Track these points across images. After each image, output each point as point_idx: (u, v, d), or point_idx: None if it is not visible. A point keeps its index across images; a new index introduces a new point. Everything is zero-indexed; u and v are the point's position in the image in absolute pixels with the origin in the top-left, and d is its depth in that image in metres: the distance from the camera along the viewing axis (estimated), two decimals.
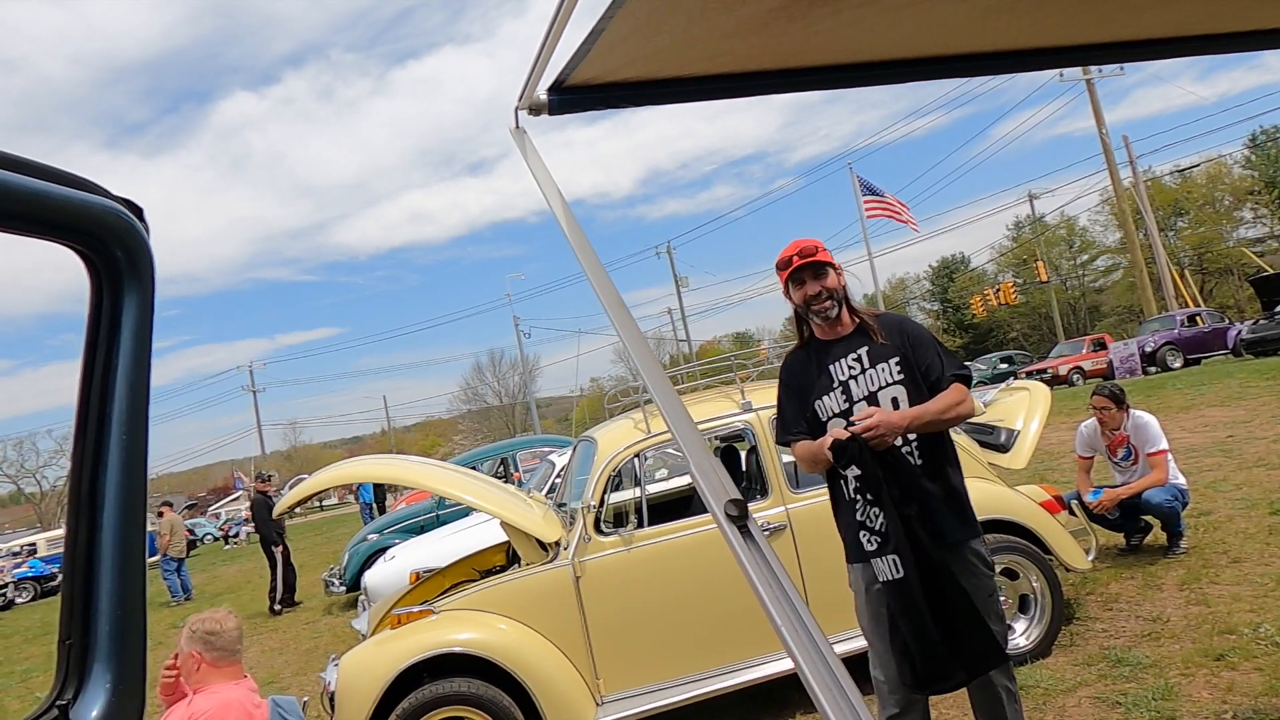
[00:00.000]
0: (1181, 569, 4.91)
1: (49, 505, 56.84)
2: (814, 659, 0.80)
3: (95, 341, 0.93)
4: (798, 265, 2.64)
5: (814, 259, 2.64)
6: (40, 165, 0.87)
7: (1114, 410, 5.50)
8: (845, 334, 2.70)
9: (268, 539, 11.21)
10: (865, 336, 2.67)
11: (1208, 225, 45.93)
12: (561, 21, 1.50)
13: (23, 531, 38.90)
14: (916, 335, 2.67)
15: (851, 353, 2.65)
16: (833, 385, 2.65)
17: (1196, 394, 12.68)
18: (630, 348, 1.25)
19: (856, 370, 2.64)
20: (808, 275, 2.65)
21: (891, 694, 2.63)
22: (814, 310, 2.67)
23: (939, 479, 2.59)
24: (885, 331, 2.66)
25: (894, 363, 2.60)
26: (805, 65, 1.91)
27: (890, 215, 26.17)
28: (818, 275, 2.64)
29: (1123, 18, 1.99)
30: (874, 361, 2.62)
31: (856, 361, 2.64)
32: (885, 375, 2.60)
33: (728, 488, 0.99)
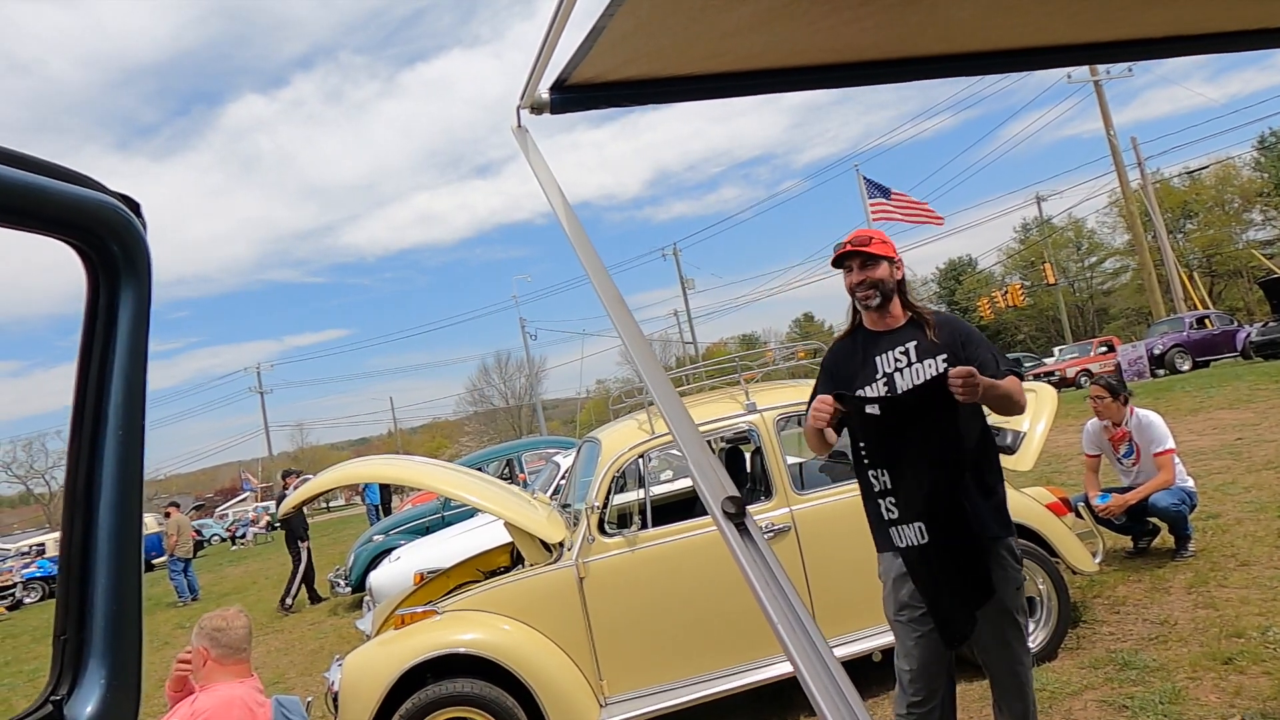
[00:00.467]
0: (1189, 572, 4.88)
1: (57, 506, 57.07)
2: (811, 658, 0.79)
3: (91, 337, 0.93)
4: (844, 251, 2.67)
5: (863, 249, 2.65)
6: (37, 160, 0.87)
7: (1109, 400, 5.47)
8: (895, 326, 2.70)
9: (295, 535, 11.31)
10: (917, 330, 2.67)
11: (1217, 227, 45.72)
12: (562, 20, 1.49)
13: (31, 532, 39.11)
14: (968, 334, 2.68)
15: (900, 345, 2.66)
16: (877, 375, 2.66)
17: (1205, 396, 12.62)
18: (630, 346, 1.24)
19: (903, 363, 2.64)
20: (854, 263, 2.66)
21: (913, 683, 2.64)
22: (857, 298, 2.69)
23: (977, 476, 2.60)
24: (937, 329, 2.66)
25: (941, 359, 2.59)
26: (808, 64, 1.91)
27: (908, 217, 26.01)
28: (865, 265, 2.65)
29: (1130, 15, 1.98)
30: (921, 356, 2.62)
31: (904, 354, 2.64)
32: (931, 370, 2.58)
33: (725, 485, 0.98)
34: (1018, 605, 2.64)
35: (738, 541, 0.91)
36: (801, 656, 0.80)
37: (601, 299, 1.45)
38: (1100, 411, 5.53)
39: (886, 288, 2.67)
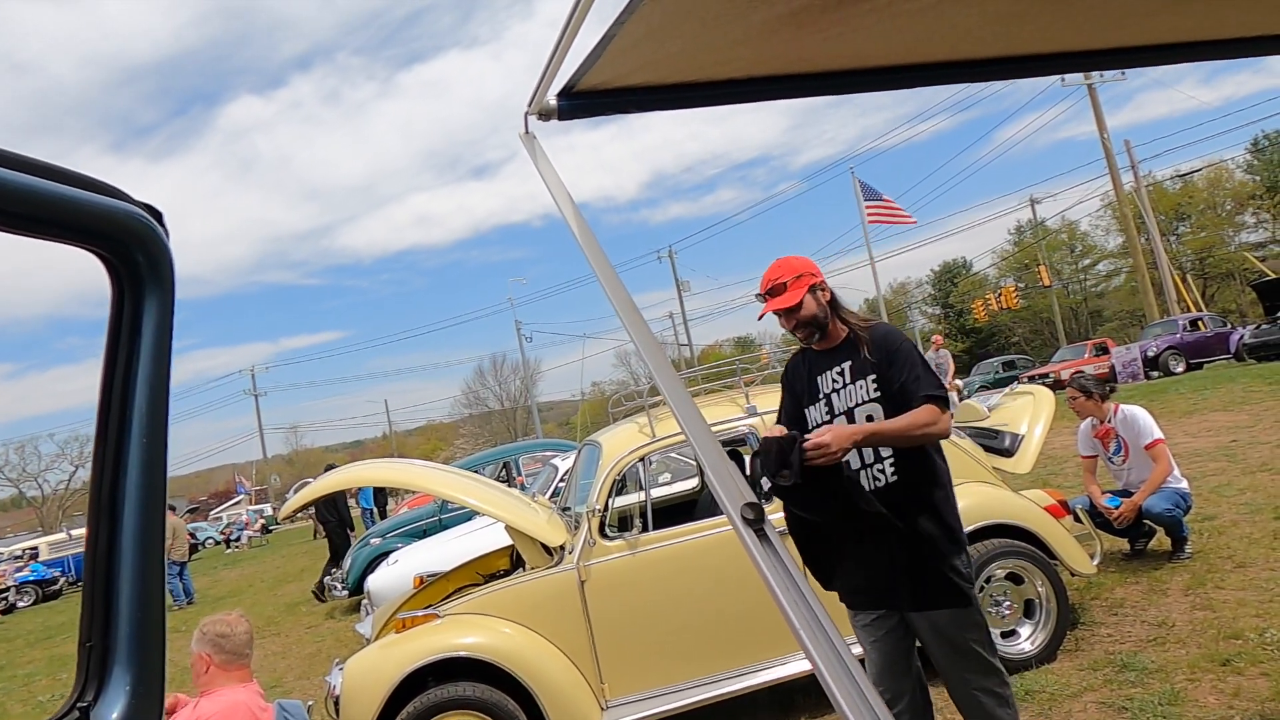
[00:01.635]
0: (1186, 574, 4.90)
1: (50, 509, 56.89)
2: (832, 661, 0.80)
3: (116, 344, 0.94)
4: (766, 310, 2.65)
5: (778, 305, 2.60)
6: (64, 170, 0.88)
7: (1083, 399, 5.53)
8: (834, 344, 2.68)
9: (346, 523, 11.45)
10: (853, 349, 2.62)
11: (1210, 230, 45.94)
12: (574, 27, 1.50)
13: (24, 535, 38.93)
14: (894, 350, 2.56)
15: (837, 365, 2.63)
16: (819, 396, 2.67)
17: (1199, 399, 12.67)
18: (644, 352, 1.25)
19: (839, 384, 2.63)
20: (781, 313, 2.63)
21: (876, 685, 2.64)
22: (798, 339, 2.69)
23: (915, 493, 2.54)
24: (872, 344, 2.60)
25: (871, 380, 2.56)
26: (814, 70, 1.92)
27: (884, 219, 26.21)
28: (790, 312, 2.60)
29: (1130, 23, 2.00)
30: (854, 377, 2.59)
31: (840, 375, 2.63)
32: (862, 392, 2.56)
33: (744, 491, 0.99)
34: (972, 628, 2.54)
35: (757, 547, 0.92)
36: (823, 659, 0.81)
37: (614, 304, 1.45)
38: (1080, 411, 5.60)
39: (820, 321, 2.63)
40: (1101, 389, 5.57)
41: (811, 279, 2.62)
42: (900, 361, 2.53)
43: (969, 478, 4.36)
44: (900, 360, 2.53)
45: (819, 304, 2.62)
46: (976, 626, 2.56)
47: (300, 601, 11.77)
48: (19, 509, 63.62)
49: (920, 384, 2.49)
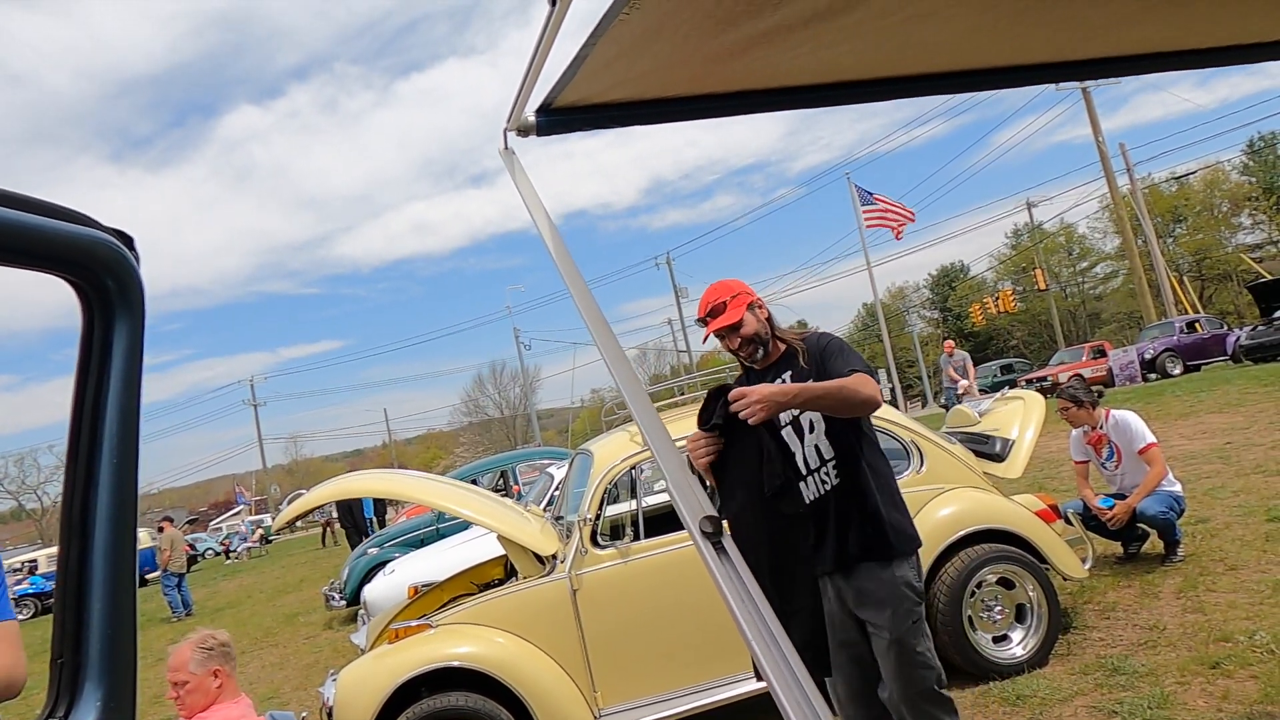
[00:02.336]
0: (1179, 577, 4.91)
1: (50, 521, 56.78)
2: (783, 673, 0.82)
3: (87, 367, 0.96)
4: (710, 330, 2.66)
5: (721, 324, 2.62)
6: (33, 200, 0.91)
7: (1074, 410, 5.53)
8: (774, 361, 2.71)
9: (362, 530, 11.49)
10: (792, 361, 2.66)
11: (1206, 232, 46.07)
12: (546, 46, 1.53)
13: (24, 547, 38.83)
14: (824, 348, 2.61)
15: (779, 378, 2.64)
16: None
17: (1196, 400, 12.69)
18: (610, 365, 1.27)
19: None
20: (724, 332, 2.66)
21: (848, 706, 2.64)
22: (741, 359, 2.72)
23: (855, 497, 2.54)
24: (809, 354, 2.63)
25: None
26: (789, 85, 1.95)
27: (889, 224, 26.22)
28: (732, 330, 2.64)
29: (1113, 33, 2.02)
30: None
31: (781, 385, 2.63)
32: None
33: (704, 505, 1.01)
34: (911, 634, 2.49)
35: (714, 559, 0.94)
36: (774, 672, 0.83)
37: (584, 317, 1.48)
38: (1072, 420, 5.61)
39: (762, 337, 2.67)
40: (1091, 396, 5.58)
41: (748, 297, 2.68)
42: (831, 354, 2.57)
43: (960, 483, 4.38)
44: (830, 353, 2.57)
45: (758, 320, 2.67)
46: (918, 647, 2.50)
47: (299, 612, 11.76)
48: (18, 521, 63.56)
49: (848, 362, 2.51)
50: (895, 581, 2.51)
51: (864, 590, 2.52)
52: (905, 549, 2.57)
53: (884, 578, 2.51)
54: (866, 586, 2.52)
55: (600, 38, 1.40)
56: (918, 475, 4.32)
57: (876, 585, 2.50)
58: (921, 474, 4.32)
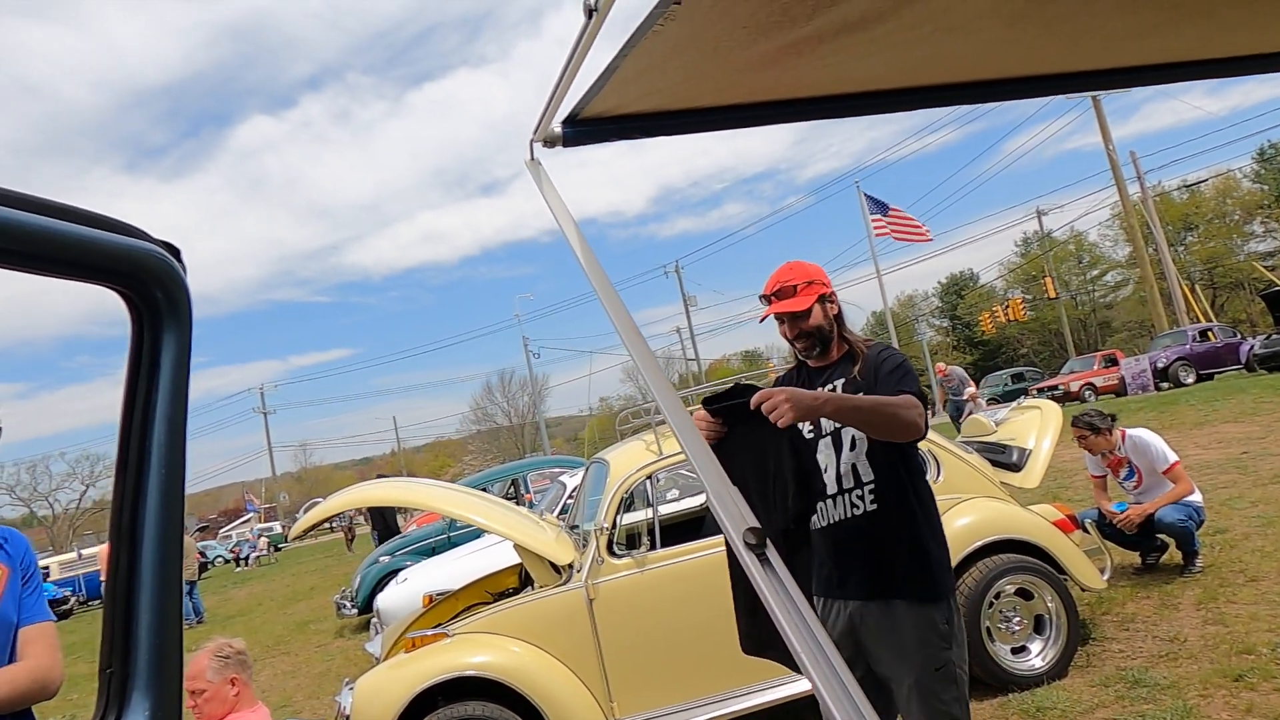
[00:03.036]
0: (1198, 588, 4.87)
1: (60, 528, 57.10)
2: (833, 684, 0.82)
3: (136, 378, 0.97)
4: (772, 311, 2.47)
5: (789, 308, 2.42)
6: (85, 212, 0.92)
7: (1092, 438, 5.46)
8: (831, 362, 2.49)
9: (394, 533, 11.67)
10: (848, 366, 2.44)
11: (1218, 240, 45.90)
12: (580, 56, 1.54)
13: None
14: (880, 363, 2.38)
15: (830, 383, 2.44)
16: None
17: (1210, 410, 12.61)
18: (647, 376, 1.27)
19: None
20: (785, 317, 2.46)
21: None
22: (797, 349, 2.52)
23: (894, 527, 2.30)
24: (866, 361, 2.42)
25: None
26: (815, 95, 1.95)
27: (899, 234, 26.17)
28: (795, 318, 2.44)
29: (1130, 44, 2.02)
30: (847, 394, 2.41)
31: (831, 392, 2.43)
32: None
33: (746, 515, 1.01)
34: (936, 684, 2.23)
35: (760, 571, 0.93)
36: (825, 685, 0.83)
37: (617, 328, 1.48)
38: (1090, 448, 5.55)
39: (825, 333, 2.45)
40: (1106, 422, 5.51)
41: (822, 288, 2.47)
42: (885, 369, 2.35)
43: (977, 492, 4.36)
44: (885, 368, 2.36)
45: (826, 315, 2.46)
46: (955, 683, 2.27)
47: (310, 620, 11.78)
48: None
49: (901, 383, 2.30)
50: (925, 624, 2.25)
51: (885, 629, 2.27)
52: (943, 589, 2.32)
53: (914, 619, 2.25)
54: (888, 625, 2.27)
55: (633, 49, 1.40)
56: (935, 484, 4.30)
57: (903, 626, 2.26)
58: (939, 483, 4.31)
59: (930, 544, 2.33)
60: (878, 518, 2.29)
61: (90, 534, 48.32)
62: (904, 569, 2.28)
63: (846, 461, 2.35)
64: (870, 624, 2.30)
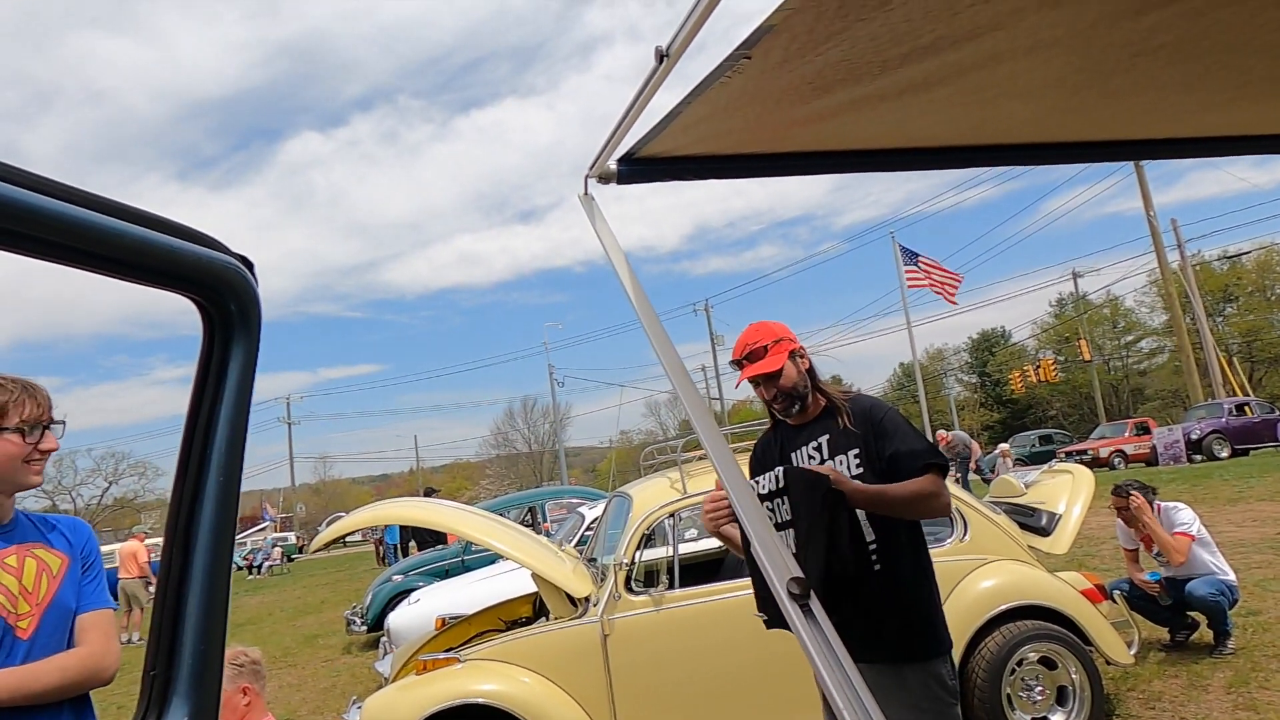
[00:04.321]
0: (1229, 670, 4.72)
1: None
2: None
3: (204, 384, 0.99)
4: (746, 375, 2.45)
5: (757, 371, 2.41)
6: (168, 221, 0.95)
7: (1132, 510, 5.38)
8: (810, 419, 2.47)
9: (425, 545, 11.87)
10: (831, 421, 2.42)
11: (1257, 313, 45.09)
12: (646, 99, 1.57)
13: None
14: (882, 421, 2.35)
15: (813, 440, 2.42)
16: None
17: (1245, 486, 12.30)
18: (692, 414, 1.28)
19: (816, 460, 2.41)
20: (760, 379, 2.44)
21: None
22: (774, 410, 2.50)
23: (897, 588, 2.27)
24: (854, 416, 2.38)
25: (854, 455, 2.33)
26: (866, 148, 1.97)
27: (934, 285, 26.01)
28: (770, 379, 2.42)
29: (1188, 118, 2.03)
30: (834, 451, 2.38)
31: (817, 450, 2.41)
32: (843, 469, 2.33)
33: (790, 566, 1.01)
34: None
35: (802, 622, 0.93)
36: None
37: (664, 365, 1.49)
38: (1127, 521, 5.45)
39: (800, 390, 2.44)
40: (1148, 494, 5.43)
41: (790, 345, 2.46)
42: (889, 431, 2.32)
43: (1003, 554, 4.28)
44: (888, 429, 2.32)
45: (799, 372, 2.45)
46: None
47: (319, 634, 11.76)
48: None
49: (917, 453, 2.26)
50: (934, 681, 2.24)
51: (894, 689, 2.22)
52: (947, 645, 2.32)
53: (922, 677, 2.24)
54: (896, 684, 2.22)
55: (698, 97, 1.43)
56: (961, 544, 4.23)
57: (912, 684, 2.23)
58: (965, 543, 4.24)
59: (934, 603, 2.33)
60: (882, 579, 2.24)
61: (109, 531, 48.80)
62: (911, 631, 2.26)
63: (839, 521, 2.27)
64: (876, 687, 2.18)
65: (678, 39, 1.26)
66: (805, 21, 1.13)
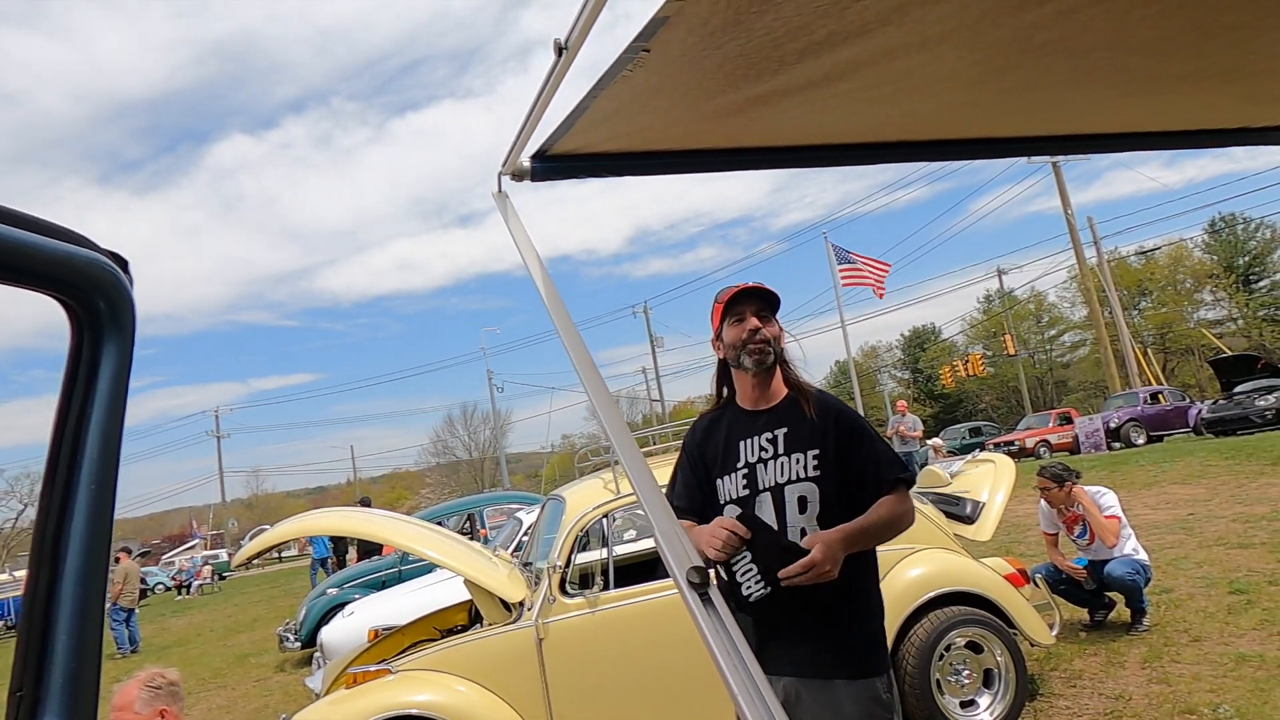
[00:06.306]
0: (1144, 646, 4.93)
1: (3, 545, 54.73)
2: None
3: (72, 390, 0.94)
4: (741, 290, 2.24)
5: (761, 288, 2.25)
6: (28, 217, 0.90)
7: (1056, 490, 5.58)
8: (770, 406, 2.25)
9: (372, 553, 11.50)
10: (791, 414, 2.21)
11: (1170, 306, 47.36)
12: (549, 94, 1.56)
13: None
14: (852, 427, 2.18)
15: (768, 431, 2.20)
16: (737, 465, 2.21)
17: (1159, 471, 12.89)
18: (601, 412, 1.27)
19: (768, 454, 2.18)
20: (750, 308, 2.23)
21: None
22: (748, 351, 2.21)
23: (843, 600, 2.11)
24: (817, 413, 2.19)
25: (811, 455, 2.14)
26: (781, 145, 2.00)
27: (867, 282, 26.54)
28: (761, 313, 2.23)
29: (1090, 113, 2.11)
30: (789, 448, 2.16)
31: (770, 443, 2.18)
32: (798, 468, 2.14)
33: (690, 555, 1.01)
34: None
35: (701, 611, 0.93)
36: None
37: (574, 363, 1.48)
38: (1050, 501, 5.65)
39: (776, 355, 2.24)
40: (1071, 476, 5.64)
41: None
42: (860, 439, 2.16)
43: (930, 543, 4.39)
44: (859, 437, 2.17)
45: (780, 340, 2.28)
46: None
47: (251, 653, 11.39)
48: None
49: (888, 465, 2.14)
50: (868, 698, 2.11)
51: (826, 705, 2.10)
52: (886, 662, 2.20)
53: (856, 693, 2.10)
54: (829, 700, 2.10)
55: (602, 91, 1.43)
56: None
57: (844, 701, 2.10)
58: None
59: (876, 617, 2.20)
60: (823, 590, 2.00)
61: (26, 555, 46.45)
62: (850, 645, 2.11)
63: (793, 526, 2.12)
64: (808, 701, 2.12)
65: (574, 31, 1.25)
66: (699, 13, 1.14)
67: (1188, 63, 1.69)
